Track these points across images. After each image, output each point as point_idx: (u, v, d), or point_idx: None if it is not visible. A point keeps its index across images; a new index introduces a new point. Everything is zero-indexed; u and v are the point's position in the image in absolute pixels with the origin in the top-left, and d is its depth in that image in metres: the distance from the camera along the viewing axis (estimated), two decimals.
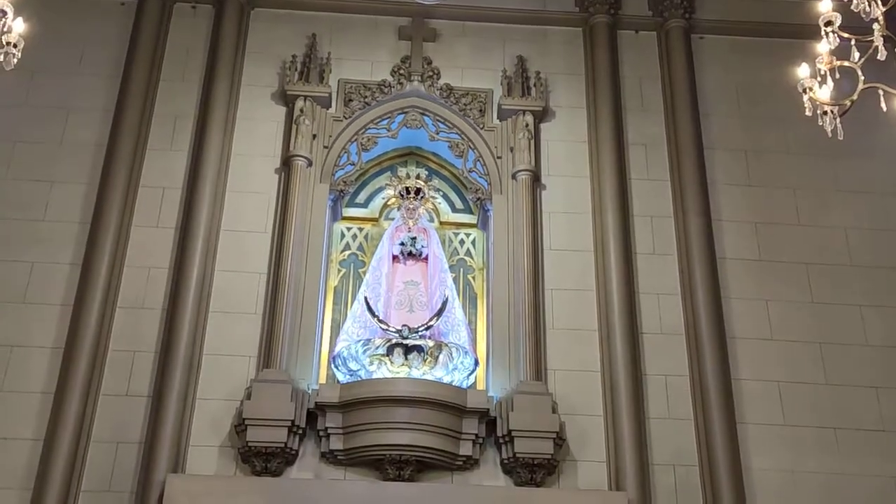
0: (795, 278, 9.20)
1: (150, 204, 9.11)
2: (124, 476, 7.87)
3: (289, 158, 9.27)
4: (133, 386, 8.27)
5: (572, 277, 9.07)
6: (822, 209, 9.57)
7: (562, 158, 9.70)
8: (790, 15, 9.79)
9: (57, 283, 8.64)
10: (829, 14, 5.59)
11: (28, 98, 9.24)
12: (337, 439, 8.04)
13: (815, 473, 8.27)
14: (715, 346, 8.65)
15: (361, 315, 8.66)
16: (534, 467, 8.04)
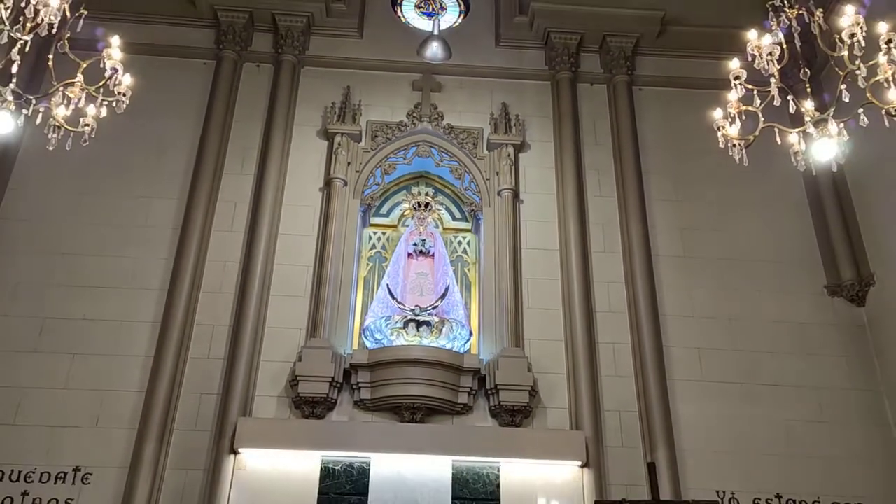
0: (712, 270, 9.12)
1: (226, 214, 9.04)
2: (206, 419, 7.84)
3: (330, 180, 9.23)
4: (213, 351, 8.21)
5: (543, 270, 9.00)
6: (732, 217, 9.48)
7: (535, 180, 9.62)
8: (708, 71, 9.72)
9: (155, 273, 8.58)
10: (737, 70, 5.59)
11: (134, 135, 9.17)
12: (366, 391, 8.02)
13: (727, 417, 8.23)
14: (650, 322, 8.60)
15: (384, 298, 8.62)
16: (514, 412, 8.01)
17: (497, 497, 7.66)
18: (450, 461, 7.78)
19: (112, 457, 7.53)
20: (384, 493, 7.59)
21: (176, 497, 7.43)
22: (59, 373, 7.89)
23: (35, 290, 8.32)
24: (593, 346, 8.50)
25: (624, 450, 7.98)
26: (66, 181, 8.97)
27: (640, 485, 7.60)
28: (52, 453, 7.50)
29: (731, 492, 7.82)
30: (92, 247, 8.64)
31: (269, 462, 7.65)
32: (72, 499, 7.33)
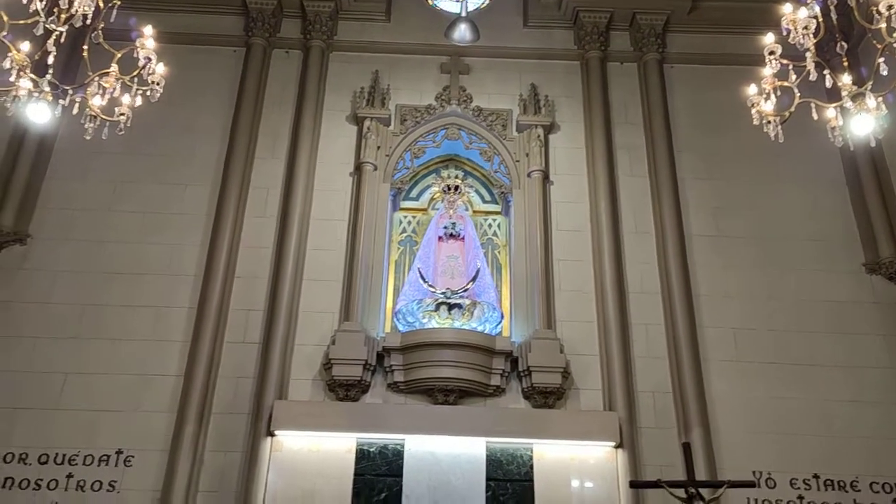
0: (747, 249, 9.00)
1: (258, 200, 9.12)
2: (243, 402, 7.96)
3: (360, 164, 9.27)
4: (248, 335, 8.32)
5: (574, 251, 8.96)
6: (767, 195, 9.33)
7: (565, 161, 9.56)
8: (741, 47, 9.53)
9: (191, 259, 8.70)
10: (771, 45, 5.46)
11: (166, 123, 9.27)
12: (399, 374, 8.09)
13: (763, 397, 8.16)
14: (684, 302, 8.53)
15: (415, 281, 8.67)
16: (547, 394, 8.03)
17: (531, 477, 7.71)
18: (484, 442, 7.83)
19: (153, 439, 7.70)
20: (419, 474, 7.67)
21: (215, 478, 7.59)
22: (100, 358, 8.08)
23: (75, 277, 8.51)
24: (626, 328, 8.46)
25: (658, 431, 7.96)
26: (102, 170, 9.13)
27: (675, 465, 7.56)
28: (95, 436, 7.71)
29: (768, 472, 7.76)
30: (128, 234, 8.80)
31: (305, 444, 7.77)
32: (115, 480, 7.54)
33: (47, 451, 7.60)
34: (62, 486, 7.48)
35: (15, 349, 8.06)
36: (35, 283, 8.43)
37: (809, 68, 5.27)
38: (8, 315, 8.23)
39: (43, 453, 7.59)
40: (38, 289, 8.41)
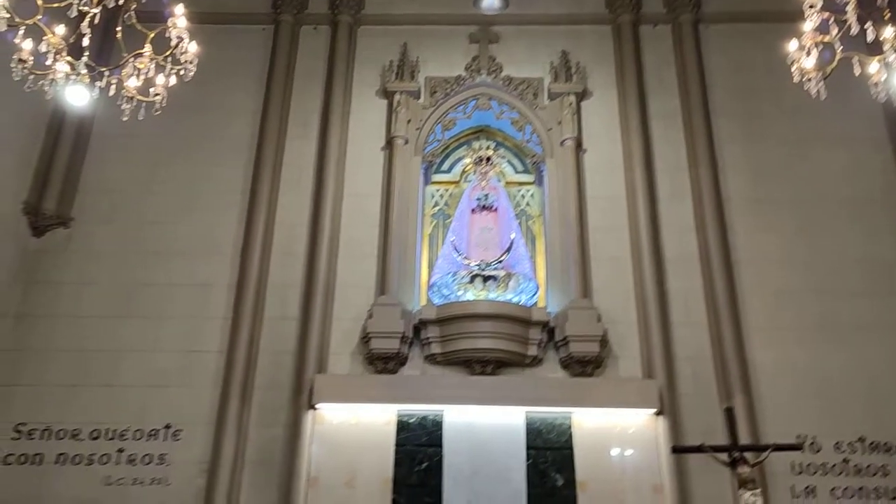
0: (787, 212, 8.85)
1: (291, 177, 9.18)
2: (284, 376, 8.10)
3: (391, 139, 9.28)
4: (287, 311, 8.44)
5: (609, 219, 8.89)
6: (807, 156, 9.14)
7: (598, 128, 9.45)
8: (779, 3, 9.17)
9: (228, 238, 8.83)
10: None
11: (199, 104, 9.34)
12: (436, 346, 8.16)
13: (806, 361, 8.07)
14: (723, 267, 8.44)
15: (450, 254, 8.70)
16: (585, 363, 8.04)
17: (571, 445, 7.75)
18: (523, 412, 7.88)
19: (199, 414, 7.90)
20: (459, 444, 7.76)
21: (260, 451, 7.77)
22: (146, 336, 8.28)
23: (117, 258, 8.70)
24: (664, 295, 8.40)
25: (699, 397, 7.92)
26: (139, 153, 9.28)
27: (717, 431, 7.44)
28: (144, 412, 7.93)
29: (813, 436, 7.71)
30: (166, 214, 8.95)
31: (346, 416, 7.90)
32: (164, 454, 7.76)
33: (99, 427, 7.85)
34: (114, 461, 7.73)
35: (65, 329, 8.29)
36: (80, 265, 8.65)
37: (850, 22, 5.12)
38: (56, 296, 8.47)
39: (95, 429, 7.84)
40: (84, 270, 8.62)
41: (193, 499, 7.53)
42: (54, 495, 7.55)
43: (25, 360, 8.14)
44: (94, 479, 7.63)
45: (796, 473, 7.59)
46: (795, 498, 7.51)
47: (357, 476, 7.64)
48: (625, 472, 7.65)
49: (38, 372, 8.08)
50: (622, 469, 7.67)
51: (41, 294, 8.48)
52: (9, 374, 8.06)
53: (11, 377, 8.05)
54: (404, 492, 7.57)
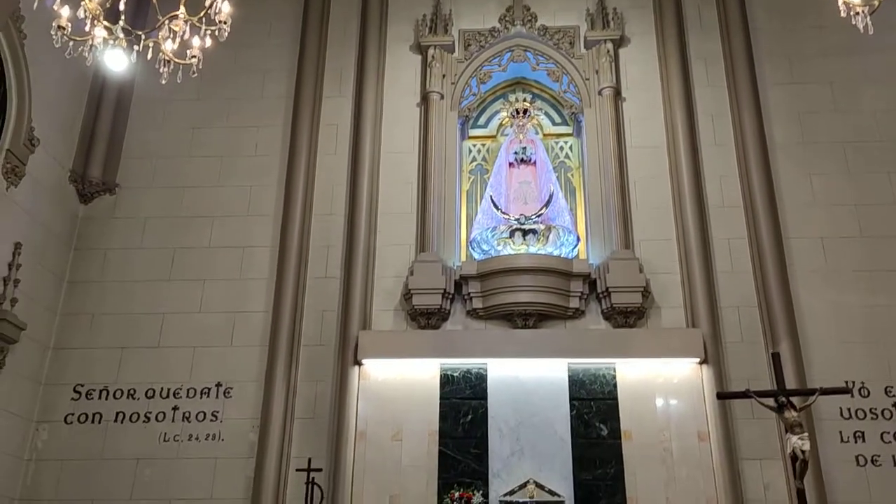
0: (834, 155, 8.64)
1: (328, 137, 9.22)
2: (329, 333, 8.26)
3: (426, 94, 9.24)
4: (329, 270, 8.56)
5: (650, 168, 8.78)
6: (854, 97, 8.87)
7: (637, 75, 9.27)
8: None
9: (269, 200, 8.94)
10: None
11: (235, 64, 9.46)
12: (478, 300, 8.21)
13: (855, 306, 7.95)
14: (768, 214, 8.31)
15: (488, 209, 8.69)
16: (627, 314, 8.02)
17: (615, 396, 7.79)
18: (566, 364, 7.93)
19: (248, 372, 8.13)
20: (503, 396, 7.86)
21: (309, 407, 7.97)
22: (193, 298, 8.49)
23: (161, 223, 8.89)
24: (707, 243, 8.31)
25: (744, 345, 7.87)
26: (179, 118, 9.41)
27: (763, 379, 7.51)
28: (195, 371, 8.18)
29: (861, 381, 7.62)
30: (207, 178, 9.09)
31: (391, 372, 8.04)
32: (217, 411, 8.02)
33: (153, 387, 8.13)
34: (169, 418, 8.02)
35: (115, 294, 8.56)
36: (127, 231, 8.87)
37: None
38: (107, 262, 8.73)
39: (149, 388, 8.13)
40: (131, 236, 8.84)
41: (246, 453, 7.80)
42: (114, 451, 7.89)
43: (79, 324, 8.44)
44: (151, 436, 7.95)
45: (845, 418, 7.53)
46: (844, 443, 7.46)
47: (403, 429, 7.80)
48: (669, 420, 7.68)
49: (92, 335, 8.38)
50: (666, 418, 7.69)
51: (91, 260, 8.74)
52: (64, 337, 8.38)
53: (67, 340, 8.37)
54: (450, 443, 7.72)
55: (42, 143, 8.24)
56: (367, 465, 7.67)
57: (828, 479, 7.25)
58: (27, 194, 8.04)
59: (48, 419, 8.05)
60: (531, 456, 7.60)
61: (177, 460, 7.83)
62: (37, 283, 8.12)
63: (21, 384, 7.85)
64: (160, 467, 7.80)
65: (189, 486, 7.72)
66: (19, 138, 7.86)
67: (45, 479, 7.81)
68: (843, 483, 7.31)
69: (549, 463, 7.55)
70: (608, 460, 7.52)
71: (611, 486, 7.42)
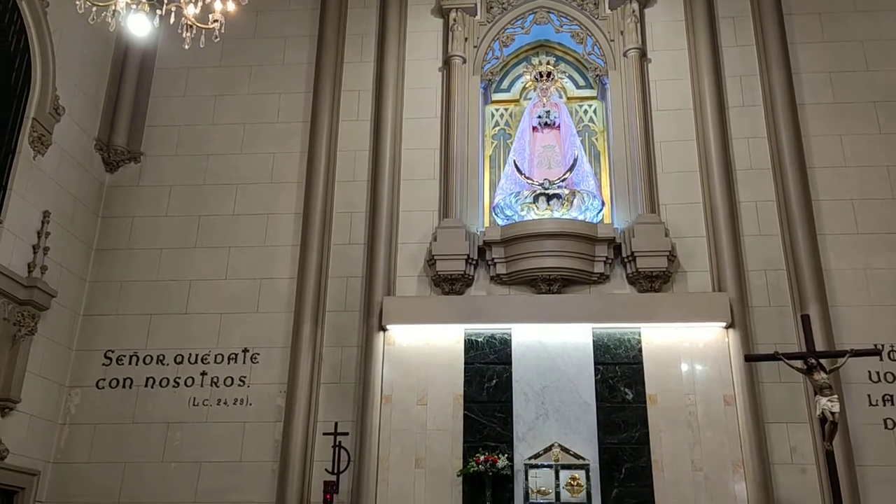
0: (865, 115, 8.46)
1: (350, 103, 9.18)
2: (354, 299, 8.31)
3: (448, 58, 9.14)
4: (353, 237, 8.59)
5: (676, 131, 8.65)
6: (887, 56, 8.65)
7: (663, 36, 9.10)
8: None
9: (292, 167, 8.95)
10: None
11: (256, 30, 9.44)
12: (501, 266, 8.20)
13: (886, 269, 7.84)
14: (797, 176, 8.16)
15: (512, 174, 8.63)
16: (652, 278, 7.97)
17: (640, 360, 7.77)
18: (590, 328, 7.91)
19: (274, 338, 8.22)
20: (527, 361, 7.88)
21: (335, 371, 8.06)
22: (219, 265, 8.57)
23: (188, 190, 8.96)
24: (734, 206, 8.20)
25: (771, 309, 7.81)
26: (200, 85, 9.42)
27: (790, 343, 7.47)
28: (223, 337, 8.29)
29: (891, 344, 7.52)
30: (231, 146, 9.12)
31: (415, 337, 8.08)
32: (244, 376, 8.13)
33: (181, 352, 8.26)
34: (198, 383, 8.15)
35: (142, 261, 8.66)
36: (152, 199, 8.95)
37: None
38: (133, 230, 8.82)
39: (178, 354, 8.25)
40: (156, 203, 8.92)
41: (274, 417, 7.91)
42: (146, 415, 8.05)
43: (107, 292, 8.56)
44: (180, 401, 8.09)
45: (874, 382, 7.47)
46: (872, 406, 7.41)
47: (429, 393, 7.86)
48: (695, 384, 7.66)
49: (120, 302, 8.51)
50: (692, 382, 7.67)
51: (118, 228, 8.84)
52: (94, 304, 8.52)
53: (96, 307, 8.51)
54: (475, 408, 7.77)
55: (67, 112, 8.28)
56: (393, 429, 7.75)
57: (855, 442, 7.21)
58: (54, 163, 8.12)
59: (80, 384, 8.22)
60: (556, 420, 7.63)
61: (206, 424, 7.97)
62: (66, 251, 8.23)
63: (53, 350, 8.00)
64: (190, 431, 7.95)
65: (218, 450, 7.86)
66: (45, 107, 7.91)
67: (78, 443, 8.00)
68: (871, 446, 7.27)
69: (574, 427, 7.58)
70: (633, 424, 7.54)
71: (636, 450, 7.44)
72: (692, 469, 7.33)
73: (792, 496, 7.17)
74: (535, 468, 7.39)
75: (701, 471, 7.32)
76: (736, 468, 7.28)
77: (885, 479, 7.14)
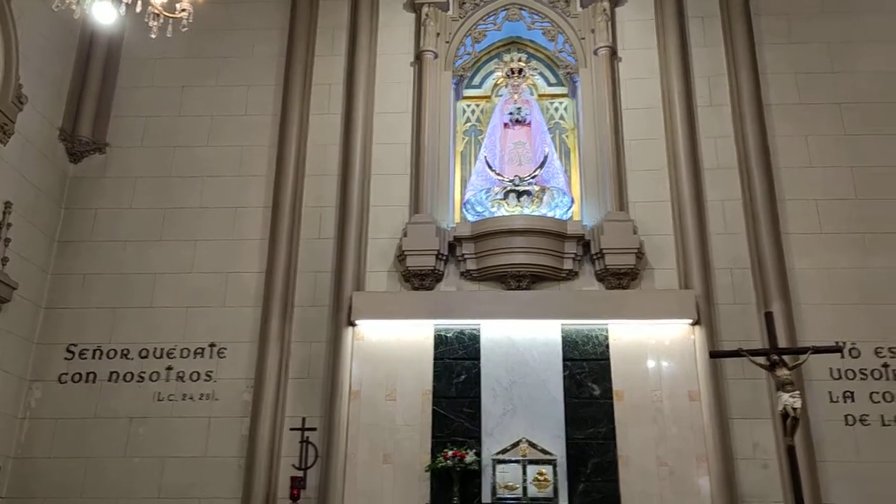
0: (830, 116, 8.60)
1: (321, 97, 9.10)
2: (323, 295, 8.26)
3: (420, 53, 9.12)
4: (323, 231, 8.53)
5: (645, 129, 8.71)
6: (852, 58, 8.81)
7: (634, 35, 9.16)
8: None
9: (260, 160, 8.86)
10: None
11: (226, 22, 9.32)
12: (471, 262, 8.21)
13: (848, 268, 7.99)
14: (763, 175, 8.27)
15: (483, 171, 8.65)
16: (620, 275, 8.04)
17: (607, 356, 7.83)
18: (559, 325, 7.95)
19: (242, 332, 8.14)
20: (496, 357, 7.91)
21: (303, 367, 8.01)
22: (185, 258, 8.47)
23: (153, 182, 8.83)
24: (701, 205, 8.29)
25: (736, 306, 7.92)
26: (169, 75, 9.28)
27: (754, 340, 7.58)
28: (189, 332, 8.19)
29: (852, 342, 7.68)
30: (199, 138, 8.99)
31: (385, 332, 8.05)
32: (211, 371, 8.05)
33: (146, 347, 8.15)
34: (163, 378, 8.05)
35: (107, 254, 8.53)
36: (117, 190, 8.80)
37: None
38: (97, 222, 8.67)
39: (143, 348, 8.14)
40: (121, 195, 8.78)
41: (241, 412, 7.85)
42: (109, 410, 7.93)
43: (71, 284, 8.42)
44: (145, 396, 7.98)
45: (834, 378, 7.62)
46: (833, 402, 7.56)
47: (397, 389, 7.85)
48: (661, 380, 7.75)
49: (84, 295, 8.36)
50: (658, 378, 7.76)
51: (82, 220, 8.68)
52: (56, 297, 8.37)
53: (59, 300, 8.35)
54: (444, 403, 7.77)
55: (31, 101, 8.11)
56: (361, 424, 7.73)
57: (816, 438, 7.35)
58: (16, 153, 7.95)
59: (42, 378, 8.08)
60: (524, 415, 7.67)
61: (171, 419, 7.88)
62: (27, 242, 8.07)
63: (14, 343, 7.85)
64: (155, 426, 7.86)
65: (184, 445, 7.78)
66: (7, 96, 7.74)
67: (39, 438, 7.86)
68: (832, 442, 7.41)
69: (542, 422, 7.62)
70: (600, 419, 7.60)
71: (602, 445, 7.50)
72: (657, 464, 7.42)
73: (754, 491, 7.29)
74: (503, 463, 7.43)
75: (666, 466, 7.42)
76: (700, 463, 7.38)
77: (846, 475, 7.29)
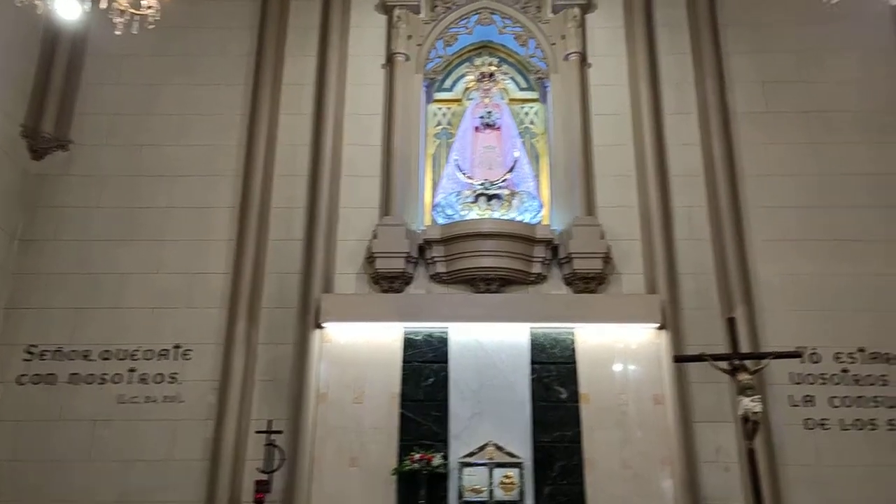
0: (795, 125, 8.74)
1: (292, 97, 9.04)
2: (291, 296, 8.18)
3: (391, 55, 9.12)
4: (291, 233, 8.46)
5: (614, 135, 8.79)
6: (818, 67, 8.97)
7: (604, 42, 9.25)
8: None
9: (229, 159, 8.76)
10: None
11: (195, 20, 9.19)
12: (441, 265, 8.22)
13: (811, 274, 8.12)
14: (727, 182, 8.40)
15: (453, 174, 8.67)
16: (588, 279, 8.11)
17: (574, 360, 7.90)
18: (527, 328, 8.00)
19: (208, 334, 8.04)
20: (464, 360, 7.93)
21: (269, 369, 7.94)
22: (151, 259, 8.34)
23: (118, 181, 8.68)
24: (668, 211, 8.40)
25: (701, 311, 8.01)
26: (136, 73, 9.14)
27: (719, 344, 7.59)
28: (153, 333, 8.06)
29: (813, 347, 7.83)
30: (166, 137, 8.87)
31: (353, 335, 8.03)
32: (175, 373, 7.95)
33: (109, 348, 8.01)
34: (126, 380, 7.92)
35: (70, 253, 8.37)
36: (82, 189, 8.64)
37: None
38: (59, 220, 8.50)
39: (105, 349, 8.00)
40: (86, 194, 8.62)
41: (206, 415, 7.75)
42: (71, 413, 7.79)
43: (32, 284, 8.24)
44: (108, 398, 7.84)
45: (795, 383, 7.75)
46: (793, 406, 7.69)
47: (365, 392, 7.83)
48: (627, 384, 7.83)
49: (46, 295, 8.19)
50: (624, 381, 7.85)
51: (45, 218, 8.50)
52: (17, 297, 8.18)
53: (20, 300, 8.17)
54: (412, 406, 7.77)
55: None
56: (328, 427, 7.70)
57: (777, 441, 7.48)
58: None
59: (1, 380, 7.90)
60: (491, 419, 7.69)
61: (135, 422, 7.75)
62: None
63: None
64: (118, 429, 7.73)
65: (148, 448, 7.66)
66: None
67: None
68: (792, 446, 7.54)
69: (509, 426, 7.66)
70: (566, 423, 7.66)
71: (568, 449, 7.55)
72: (622, 467, 7.50)
73: (716, 494, 7.39)
74: (470, 466, 7.45)
75: (631, 469, 7.49)
76: (664, 466, 7.48)
77: (806, 478, 7.42)
